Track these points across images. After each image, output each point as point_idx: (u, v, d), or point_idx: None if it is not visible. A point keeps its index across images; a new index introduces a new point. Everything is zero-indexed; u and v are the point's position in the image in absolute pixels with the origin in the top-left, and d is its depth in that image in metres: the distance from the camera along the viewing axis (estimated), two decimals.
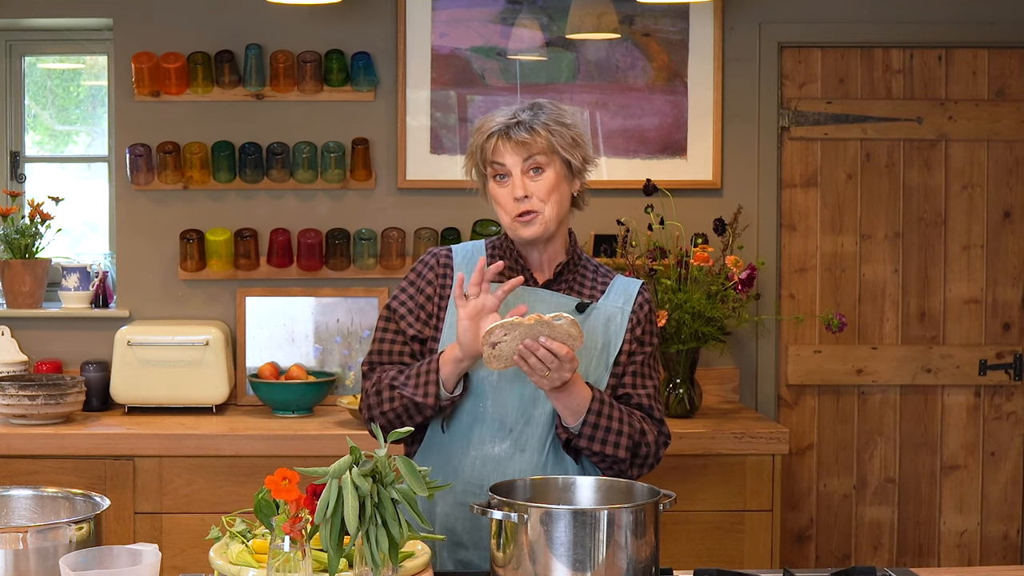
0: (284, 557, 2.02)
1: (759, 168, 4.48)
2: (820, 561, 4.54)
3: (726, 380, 4.48)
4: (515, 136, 2.57)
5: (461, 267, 2.69)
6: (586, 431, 2.56)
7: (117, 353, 4.12)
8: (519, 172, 2.58)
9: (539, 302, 2.64)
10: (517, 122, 2.58)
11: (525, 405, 2.60)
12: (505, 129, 2.58)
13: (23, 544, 2.13)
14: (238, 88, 4.38)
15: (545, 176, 2.58)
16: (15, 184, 4.64)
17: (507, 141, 2.58)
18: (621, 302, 2.68)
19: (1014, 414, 4.58)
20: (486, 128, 2.62)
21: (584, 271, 2.71)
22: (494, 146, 2.59)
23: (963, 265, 4.53)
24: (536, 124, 2.58)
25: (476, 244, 2.74)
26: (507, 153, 2.58)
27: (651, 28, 4.45)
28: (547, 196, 2.59)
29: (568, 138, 2.60)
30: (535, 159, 2.57)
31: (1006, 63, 4.52)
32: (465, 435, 2.62)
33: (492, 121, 2.62)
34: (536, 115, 2.60)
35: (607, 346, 2.65)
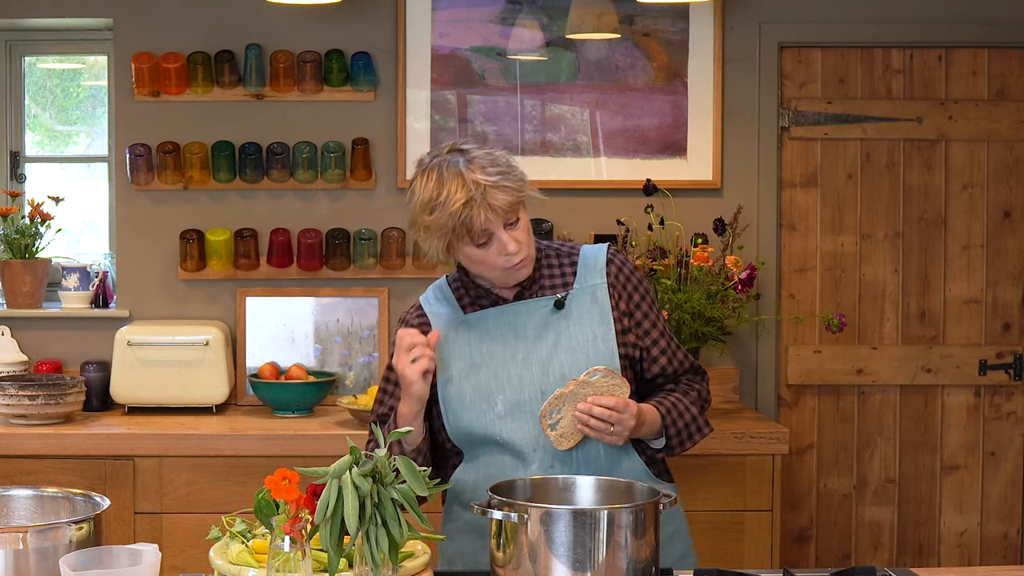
0: (284, 557, 2.02)
1: (759, 168, 4.48)
2: (820, 561, 4.54)
3: (726, 380, 4.48)
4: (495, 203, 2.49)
5: (436, 315, 2.65)
6: (674, 441, 2.63)
7: (117, 353, 4.12)
8: (502, 230, 2.53)
9: (516, 315, 2.62)
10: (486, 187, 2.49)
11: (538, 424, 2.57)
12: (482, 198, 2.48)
13: (23, 544, 2.13)
14: (238, 88, 4.38)
15: (521, 221, 2.57)
16: (15, 184, 4.64)
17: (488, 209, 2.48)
18: (595, 277, 2.66)
19: (1014, 414, 4.58)
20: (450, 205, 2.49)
21: (549, 262, 2.67)
22: (478, 218, 2.48)
23: (963, 265, 4.54)
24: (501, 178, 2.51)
25: (439, 286, 2.70)
26: (492, 220, 2.50)
27: (651, 28, 4.45)
28: (527, 238, 2.57)
29: (519, 175, 2.56)
30: (510, 213, 2.53)
31: (1006, 63, 4.52)
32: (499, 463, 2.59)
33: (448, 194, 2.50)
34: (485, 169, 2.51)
35: (598, 331, 2.61)
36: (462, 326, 2.63)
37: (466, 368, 2.61)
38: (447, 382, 2.61)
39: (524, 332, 2.61)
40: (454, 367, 2.61)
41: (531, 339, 2.60)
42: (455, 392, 2.60)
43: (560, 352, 2.59)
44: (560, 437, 2.53)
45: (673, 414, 2.62)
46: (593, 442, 2.58)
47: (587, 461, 2.58)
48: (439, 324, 2.64)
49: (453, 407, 2.60)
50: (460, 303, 2.66)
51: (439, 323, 2.64)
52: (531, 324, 2.61)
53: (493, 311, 2.63)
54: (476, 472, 2.61)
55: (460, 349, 2.62)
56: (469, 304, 2.65)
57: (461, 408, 2.59)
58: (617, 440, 2.51)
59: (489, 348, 2.61)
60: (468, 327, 2.63)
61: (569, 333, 2.60)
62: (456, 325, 2.64)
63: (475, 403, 2.58)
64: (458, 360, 2.62)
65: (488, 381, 2.59)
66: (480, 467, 2.61)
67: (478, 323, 2.63)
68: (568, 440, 2.53)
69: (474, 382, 2.59)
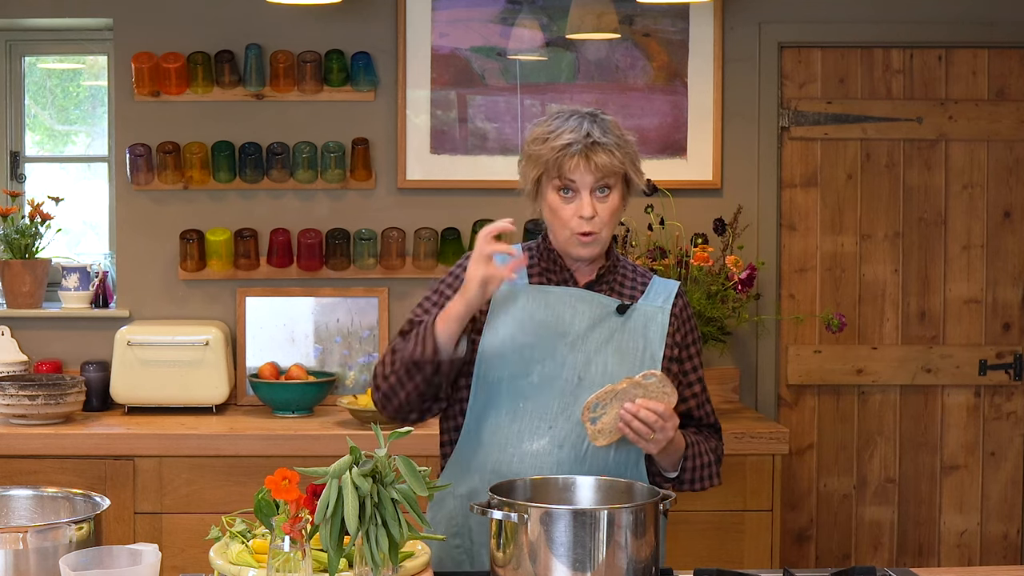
0: (284, 557, 2.02)
1: (759, 168, 4.48)
2: (820, 561, 4.54)
3: (726, 380, 4.48)
4: (595, 157, 2.53)
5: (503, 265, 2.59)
6: (686, 476, 2.64)
7: (117, 353, 4.12)
8: (588, 191, 2.55)
9: (580, 301, 2.63)
10: (593, 142, 2.54)
11: (565, 402, 2.58)
12: (585, 148, 2.53)
13: (23, 544, 2.13)
14: (238, 88, 4.38)
15: (611, 197, 2.57)
16: (15, 184, 4.64)
17: (585, 160, 2.53)
18: (660, 301, 2.67)
19: (1014, 414, 4.58)
20: (556, 140, 2.55)
21: (624, 272, 2.71)
22: (571, 162, 2.53)
23: (963, 265, 4.54)
24: (612, 145, 2.55)
25: (515, 245, 2.71)
26: (583, 171, 2.54)
27: (651, 28, 4.45)
28: (610, 218, 2.57)
29: (634, 158, 2.59)
30: (606, 180, 2.55)
31: (1006, 63, 4.52)
32: (503, 433, 2.60)
33: (561, 132, 2.56)
34: (605, 132, 2.56)
35: (649, 347, 2.64)
36: (522, 291, 2.64)
37: (514, 330, 2.60)
38: (492, 337, 2.60)
39: (580, 320, 2.61)
40: (503, 326, 2.61)
41: (584, 328, 2.61)
42: (497, 349, 2.59)
43: (609, 351, 2.60)
44: (598, 432, 2.51)
45: (694, 451, 2.64)
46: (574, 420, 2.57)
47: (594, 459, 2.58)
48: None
49: (490, 361, 2.59)
50: (529, 270, 2.67)
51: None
52: (589, 316, 2.62)
53: (558, 289, 2.64)
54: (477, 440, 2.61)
55: (514, 311, 2.62)
56: (538, 274, 2.66)
57: (501, 365, 2.59)
58: (653, 448, 2.52)
59: (543, 320, 2.61)
60: (528, 293, 2.63)
61: (623, 337, 2.62)
62: (518, 288, 2.64)
63: (512, 364, 2.58)
64: (509, 320, 2.61)
65: (531, 349, 2.59)
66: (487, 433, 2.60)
67: (539, 294, 2.63)
68: (605, 437, 2.51)
69: (518, 345, 2.59)
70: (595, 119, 2.60)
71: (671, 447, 2.57)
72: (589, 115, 2.61)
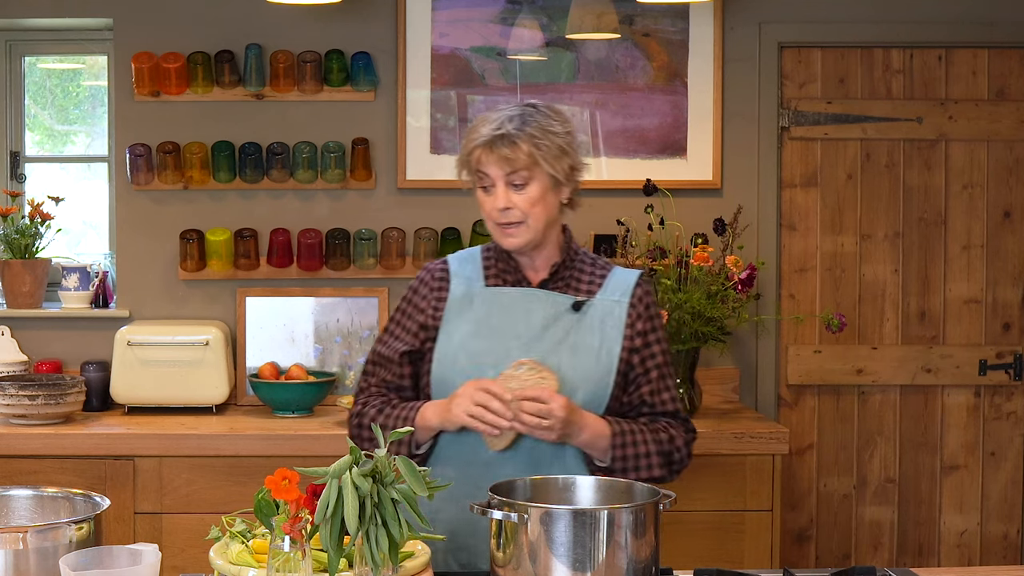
0: (284, 557, 2.02)
1: (759, 168, 4.48)
2: (820, 561, 4.54)
3: (726, 380, 4.48)
4: (497, 150, 2.56)
5: (458, 274, 2.69)
6: (617, 465, 2.60)
7: (117, 353, 4.12)
8: (502, 184, 2.57)
9: (534, 301, 2.64)
10: (501, 135, 2.56)
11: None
12: (491, 141, 2.56)
13: (23, 544, 2.13)
14: (238, 88, 4.38)
15: (529, 189, 2.58)
16: (15, 184, 4.64)
17: (491, 152, 2.56)
18: (618, 295, 2.66)
19: (1014, 414, 4.58)
20: (474, 135, 2.60)
21: (581, 266, 2.70)
22: (481, 156, 2.58)
23: (963, 265, 4.54)
24: (520, 137, 2.55)
25: (472, 251, 2.75)
26: (491, 165, 2.57)
27: (651, 28, 4.45)
28: (530, 209, 2.58)
29: (555, 149, 2.58)
30: (518, 173, 2.56)
31: (1006, 63, 4.52)
32: (459, 440, 2.61)
33: (481, 127, 2.60)
34: (523, 125, 2.57)
35: (605, 342, 2.63)
36: (478, 294, 2.66)
37: (469, 334, 2.62)
38: (446, 343, 2.63)
39: (536, 319, 2.62)
40: (456, 332, 2.63)
41: (539, 328, 2.62)
42: (451, 355, 2.62)
43: (563, 350, 2.60)
44: (494, 438, 2.52)
45: (626, 439, 2.60)
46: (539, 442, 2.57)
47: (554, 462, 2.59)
48: (459, 285, 2.67)
49: (444, 368, 2.62)
50: (485, 272, 2.68)
51: (459, 283, 2.67)
52: (545, 314, 2.62)
53: (513, 290, 2.65)
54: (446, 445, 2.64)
55: (468, 316, 2.64)
56: (494, 275, 2.68)
57: (453, 371, 2.61)
58: (550, 435, 2.50)
59: (498, 322, 2.62)
60: (484, 297, 2.65)
61: (578, 336, 2.61)
62: (473, 292, 2.66)
63: (466, 371, 2.60)
64: (463, 325, 2.63)
65: (485, 353, 2.60)
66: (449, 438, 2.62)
67: (495, 296, 2.65)
68: (501, 440, 2.52)
69: (472, 350, 2.61)
70: (523, 114, 2.60)
71: (584, 433, 2.54)
72: (522, 109, 2.62)
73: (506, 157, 2.55)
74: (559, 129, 2.61)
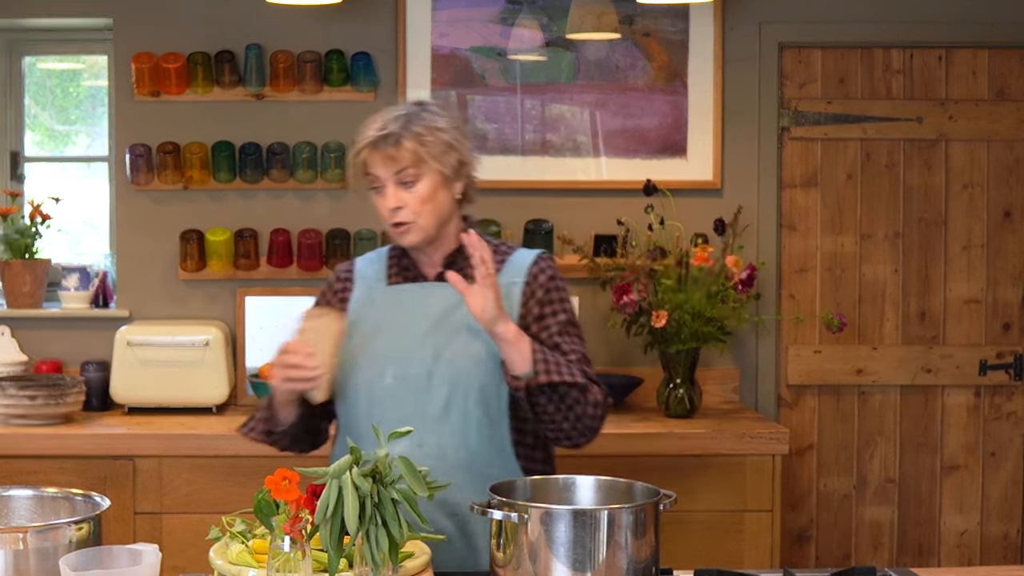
0: (284, 557, 2.02)
1: (759, 168, 4.48)
2: (820, 561, 4.54)
3: (726, 380, 4.48)
4: (382, 150, 2.58)
5: (362, 276, 2.74)
6: (540, 367, 2.51)
7: (117, 353, 4.12)
8: (392, 184, 2.60)
9: (430, 295, 2.66)
10: (385, 135, 2.58)
11: (419, 400, 2.60)
12: (374, 142, 2.59)
13: (23, 544, 2.13)
14: (238, 88, 4.38)
15: (418, 187, 2.60)
16: (15, 184, 4.64)
17: (376, 153, 2.59)
18: (516, 277, 2.67)
19: (1014, 414, 4.58)
20: (361, 138, 2.63)
21: None
22: (365, 158, 2.61)
23: (963, 265, 4.53)
24: (405, 136, 2.57)
25: (381, 251, 2.79)
26: (378, 165, 2.60)
27: (651, 28, 4.45)
28: (420, 207, 2.61)
29: (441, 145, 2.59)
30: (406, 172, 2.59)
31: (1006, 63, 4.52)
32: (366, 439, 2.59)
33: (368, 129, 2.62)
34: (408, 124, 2.59)
35: None
36: (380, 294, 2.70)
37: (369, 334, 2.66)
38: (348, 345, 2.65)
39: (432, 313, 2.64)
40: (360, 332, 2.67)
41: (435, 319, 2.64)
42: (352, 357, 2.65)
43: (458, 339, 2.61)
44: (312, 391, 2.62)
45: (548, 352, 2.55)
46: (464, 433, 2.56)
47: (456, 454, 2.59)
48: (362, 286, 2.72)
49: (348, 370, 2.65)
50: (388, 271, 2.73)
51: (363, 285, 2.72)
52: (441, 305, 2.64)
53: (410, 286, 2.69)
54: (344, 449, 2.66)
55: (369, 316, 2.68)
56: (396, 274, 2.72)
57: (356, 372, 2.64)
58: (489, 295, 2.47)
59: (396, 319, 2.65)
60: (385, 296, 2.69)
61: (473, 324, 2.60)
62: (376, 292, 2.70)
63: (365, 370, 2.63)
64: (365, 325, 2.67)
65: (384, 351, 2.63)
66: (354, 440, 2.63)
67: (392, 295, 2.69)
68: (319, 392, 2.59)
69: (371, 350, 2.64)
70: (408, 113, 2.63)
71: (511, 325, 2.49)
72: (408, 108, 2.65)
73: (392, 156, 2.58)
74: (445, 125, 2.63)
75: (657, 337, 4.14)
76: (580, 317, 4.45)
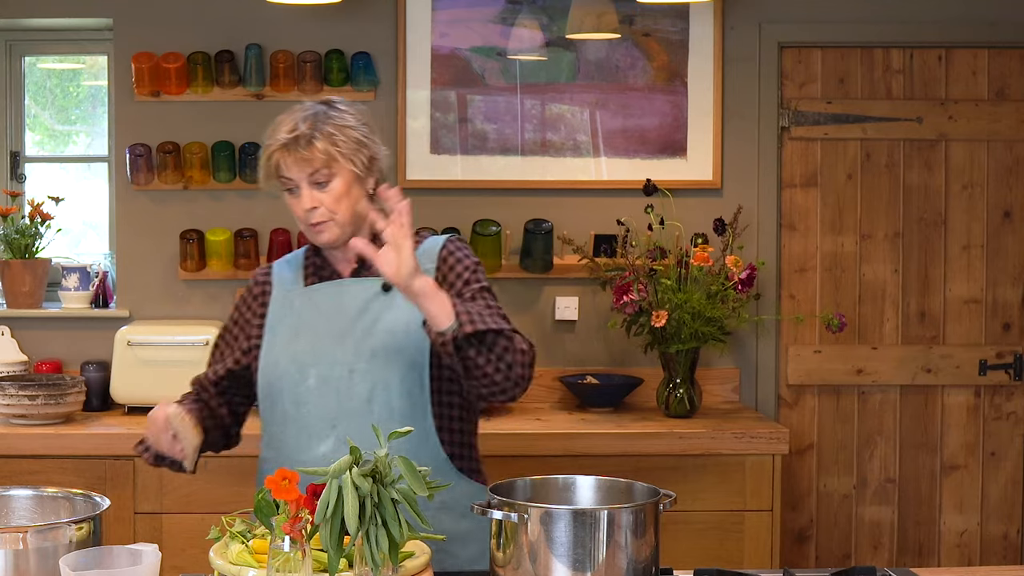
0: (284, 557, 2.02)
1: (759, 168, 4.48)
2: (820, 561, 4.54)
3: (726, 380, 4.48)
4: (294, 152, 2.57)
5: (279, 280, 2.72)
6: (464, 317, 2.45)
7: (117, 353, 4.12)
8: (306, 185, 2.59)
9: (345, 293, 2.66)
10: (296, 136, 2.57)
11: (342, 399, 2.59)
12: (285, 144, 2.58)
13: (23, 544, 2.13)
14: (238, 88, 4.38)
15: (332, 187, 2.59)
16: (15, 184, 4.64)
17: (288, 156, 2.58)
18: (428, 264, 2.66)
19: (1014, 414, 4.58)
20: (270, 141, 2.62)
21: None
22: (278, 161, 2.60)
23: (963, 265, 4.53)
24: (316, 137, 2.57)
25: (298, 253, 2.78)
26: (291, 167, 2.59)
27: (651, 28, 4.45)
28: (336, 205, 2.60)
29: (352, 143, 2.59)
30: (319, 172, 2.58)
31: (1006, 63, 4.52)
32: (292, 442, 2.63)
33: (277, 132, 2.61)
34: (318, 124, 2.58)
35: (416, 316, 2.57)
36: (297, 296, 2.69)
37: (289, 337, 2.65)
38: (268, 349, 2.66)
39: (348, 310, 2.64)
40: (279, 334, 2.66)
41: (352, 317, 2.63)
42: (274, 361, 2.65)
43: (377, 333, 2.61)
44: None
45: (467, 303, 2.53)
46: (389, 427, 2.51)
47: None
48: (280, 288, 2.71)
49: (269, 374, 2.65)
50: (305, 272, 2.72)
51: (281, 287, 2.71)
52: (357, 302, 2.64)
53: (325, 285, 2.68)
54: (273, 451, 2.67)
55: (287, 319, 2.67)
56: (312, 274, 2.72)
57: (276, 375, 2.64)
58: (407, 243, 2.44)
59: (314, 320, 2.65)
60: (302, 297, 2.68)
61: (390, 315, 2.61)
62: (293, 294, 2.70)
63: (289, 373, 2.62)
64: (284, 328, 2.67)
65: (304, 353, 2.63)
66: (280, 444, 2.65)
67: (309, 295, 2.68)
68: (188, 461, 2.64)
69: (291, 352, 2.64)
70: (316, 113, 2.62)
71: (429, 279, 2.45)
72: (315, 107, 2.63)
73: (305, 158, 2.57)
74: (354, 123, 2.63)
75: (657, 337, 4.14)
76: (580, 317, 4.46)
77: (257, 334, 2.72)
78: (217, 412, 2.76)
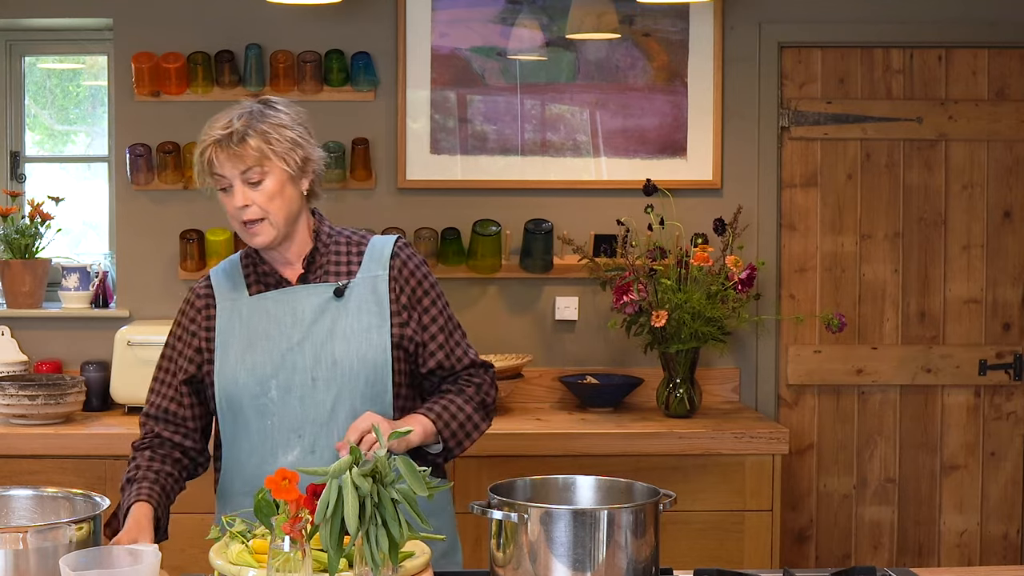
0: (284, 557, 2.02)
1: (759, 168, 4.48)
2: (820, 561, 4.54)
3: (726, 380, 4.48)
4: (227, 149, 2.55)
5: (221, 285, 2.68)
6: (451, 444, 2.61)
7: (117, 353, 4.12)
8: (239, 183, 2.56)
9: (295, 299, 2.63)
10: (229, 133, 2.56)
11: (306, 407, 2.58)
12: (218, 141, 2.56)
13: (23, 544, 2.13)
14: (238, 88, 4.38)
15: (264, 185, 2.56)
16: (15, 184, 4.64)
17: (221, 152, 2.56)
18: (379, 270, 2.65)
19: (1014, 414, 4.58)
20: (204, 137, 2.60)
21: (337, 248, 2.67)
22: (211, 158, 2.57)
23: (963, 265, 4.53)
24: (249, 134, 2.55)
25: (232, 260, 2.73)
26: (224, 164, 2.56)
27: (651, 28, 4.45)
28: (269, 204, 2.56)
29: (286, 143, 2.57)
30: (252, 170, 2.55)
31: (1006, 63, 4.52)
32: (258, 454, 2.61)
33: (211, 128, 2.60)
34: (253, 122, 2.57)
35: (374, 321, 2.61)
36: (244, 305, 2.64)
37: (242, 349, 2.61)
38: (224, 362, 2.62)
39: (302, 317, 2.61)
40: (232, 349, 2.62)
41: (307, 324, 2.61)
42: (230, 373, 2.61)
43: (335, 340, 2.59)
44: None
45: (445, 417, 2.60)
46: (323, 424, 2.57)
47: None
48: (224, 302, 2.65)
49: (228, 388, 2.61)
50: (246, 280, 2.67)
51: (224, 301, 2.65)
52: (309, 309, 2.61)
53: (274, 293, 2.64)
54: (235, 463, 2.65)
55: (239, 330, 2.63)
56: (255, 283, 2.67)
57: (236, 388, 2.60)
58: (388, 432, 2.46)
59: (266, 330, 2.61)
60: (249, 307, 2.64)
61: (347, 321, 2.60)
62: (240, 303, 2.65)
63: (248, 386, 2.59)
64: (236, 340, 2.62)
65: (262, 364, 2.59)
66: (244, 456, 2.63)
67: (258, 304, 2.63)
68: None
69: (249, 364, 2.60)
70: (252, 111, 2.61)
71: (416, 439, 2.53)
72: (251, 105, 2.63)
73: (237, 155, 2.55)
74: (289, 122, 2.61)
75: (657, 337, 4.14)
76: (580, 317, 4.46)
77: (208, 347, 2.65)
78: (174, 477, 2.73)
